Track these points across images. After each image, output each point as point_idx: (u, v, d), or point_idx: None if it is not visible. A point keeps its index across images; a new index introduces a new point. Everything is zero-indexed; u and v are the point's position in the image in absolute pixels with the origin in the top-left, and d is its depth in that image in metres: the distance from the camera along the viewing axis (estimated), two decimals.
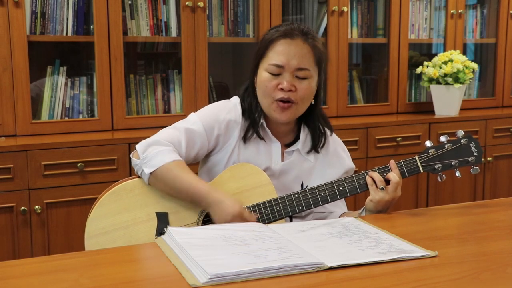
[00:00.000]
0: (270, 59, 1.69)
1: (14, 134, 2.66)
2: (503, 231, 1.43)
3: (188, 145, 1.70)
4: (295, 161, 1.77)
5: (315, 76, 1.72)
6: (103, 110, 2.81)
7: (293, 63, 1.67)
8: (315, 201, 1.64)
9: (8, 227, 2.46)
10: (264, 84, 1.70)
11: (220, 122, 1.72)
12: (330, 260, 1.18)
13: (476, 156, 1.66)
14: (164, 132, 1.72)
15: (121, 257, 1.29)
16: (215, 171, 1.76)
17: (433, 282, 1.10)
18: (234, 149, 1.73)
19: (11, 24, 2.60)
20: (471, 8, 3.87)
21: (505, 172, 3.64)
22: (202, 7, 2.93)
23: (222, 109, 1.75)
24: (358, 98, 3.60)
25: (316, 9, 3.42)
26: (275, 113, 1.70)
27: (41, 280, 1.13)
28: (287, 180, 1.76)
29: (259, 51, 1.73)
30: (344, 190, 1.64)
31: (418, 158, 1.66)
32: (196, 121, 1.72)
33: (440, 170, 1.66)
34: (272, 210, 1.63)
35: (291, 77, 1.67)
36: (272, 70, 1.68)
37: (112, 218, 1.63)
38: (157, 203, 1.66)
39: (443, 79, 3.41)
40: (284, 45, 1.68)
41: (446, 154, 1.66)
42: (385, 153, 3.22)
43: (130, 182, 1.68)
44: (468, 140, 1.67)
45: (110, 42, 2.77)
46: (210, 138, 1.72)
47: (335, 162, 1.82)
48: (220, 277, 1.08)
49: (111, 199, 1.64)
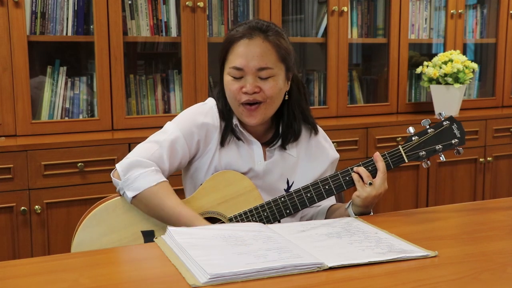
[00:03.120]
0: (230, 62, 1.63)
1: (14, 134, 2.66)
2: (503, 231, 1.43)
3: (171, 158, 1.64)
4: (278, 159, 1.73)
5: (280, 73, 1.64)
6: (103, 110, 2.81)
7: (253, 64, 1.60)
8: (302, 203, 1.61)
9: (8, 227, 2.46)
10: (228, 88, 1.64)
11: (199, 127, 1.67)
12: (330, 260, 1.18)
13: (459, 137, 1.61)
14: (143, 149, 1.64)
15: (121, 257, 1.29)
16: (196, 176, 1.72)
17: (433, 282, 1.10)
18: (215, 154, 1.68)
19: (11, 24, 2.60)
20: (471, 8, 3.87)
21: (505, 172, 3.64)
22: (202, 7, 2.93)
23: (199, 113, 1.69)
24: (358, 98, 3.60)
25: (316, 9, 3.42)
26: (244, 117, 1.65)
27: (41, 280, 1.13)
28: (272, 179, 1.72)
29: (221, 53, 1.67)
30: (330, 189, 1.60)
31: (402, 148, 1.62)
32: (174, 130, 1.66)
33: (424, 157, 1.62)
34: (259, 216, 1.60)
35: (254, 78, 1.61)
36: (234, 74, 1.62)
37: (96, 241, 1.57)
38: (142, 221, 1.60)
39: (443, 79, 3.41)
40: (243, 46, 1.61)
41: (429, 140, 1.62)
42: None
43: (112, 202, 1.61)
44: (450, 122, 1.62)
45: (110, 42, 2.77)
46: (190, 145, 1.67)
47: (319, 154, 1.77)
48: (220, 277, 1.08)
49: (93, 222, 1.59)
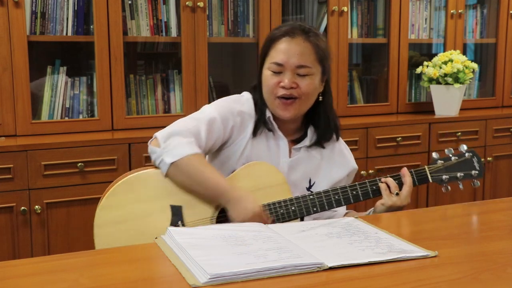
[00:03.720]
0: (271, 58, 1.72)
1: (14, 134, 2.66)
2: (503, 231, 1.43)
3: (208, 136, 1.70)
4: (303, 157, 1.80)
5: (317, 73, 1.74)
6: (103, 110, 2.81)
7: (293, 61, 1.69)
8: (329, 204, 1.68)
9: (8, 227, 2.46)
10: (266, 82, 1.73)
11: (235, 114, 1.74)
12: (330, 260, 1.18)
13: (479, 170, 1.75)
14: (183, 122, 1.71)
15: (121, 257, 1.29)
16: (228, 164, 1.76)
17: (433, 282, 1.10)
18: (248, 143, 1.75)
19: (11, 24, 2.59)
20: (471, 8, 3.86)
21: (505, 172, 3.64)
22: (202, 7, 2.93)
23: (236, 102, 1.78)
24: (358, 98, 3.60)
25: (316, 9, 3.41)
26: (278, 110, 1.73)
27: (41, 280, 1.13)
28: (295, 176, 1.79)
29: (263, 50, 1.77)
30: (357, 195, 1.69)
31: (428, 168, 1.75)
32: (212, 111, 1.73)
33: (446, 182, 1.74)
34: (287, 209, 1.65)
35: (292, 74, 1.70)
36: (274, 68, 1.71)
37: (124, 208, 1.59)
38: (172, 195, 1.63)
39: (443, 79, 3.41)
40: (285, 44, 1.71)
41: (452, 166, 1.75)
42: (385, 153, 3.23)
43: (144, 172, 1.64)
44: (472, 155, 1.76)
45: (110, 42, 2.77)
46: (225, 129, 1.74)
47: (340, 161, 1.86)
48: (220, 277, 1.08)
49: (124, 188, 1.61)
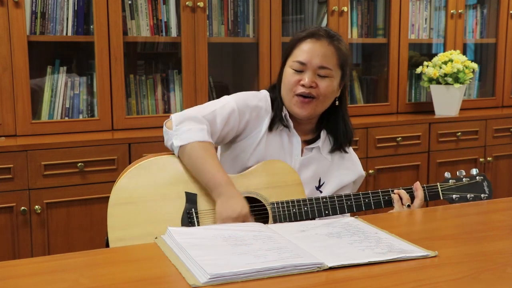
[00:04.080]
0: (295, 56, 1.76)
1: (14, 134, 2.66)
2: (503, 231, 1.43)
3: (223, 124, 1.73)
4: (314, 157, 1.83)
5: (337, 77, 1.77)
6: (103, 110, 2.81)
7: (315, 61, 1.73)
8: (341, 209, 1.71)
9: (8, 227, 2.46)
10: (287, 79, 1.76)
11: (251, 108, 1.77)
12: (330, 260, 1.18)
13: (488, 194, 1.80)
14: (201, 108, 1.74)
15: (121, 257, 1.29)
16: (240, 158, 1.78)
17: (433, 282, 1.10)
18: (262, 138, 1.77)
19: (11, 24, 2.60)
20: (471, 8, 3.87)
21: (505, 172, 3.64)
22: (202, 7, 2.93)
23: (254, 97, 1.81)
24: (358, 98, 3.60)
25: (316, 9, 3.41)
26: (295, 107, 1.76)
27: (41, 280, 1.13)
28: (305, 175, 1.81)
29: (287, 50, 1.80)
30: (369, 203, 1.72)
31: (440, 186, 1.79)
32: (230, 101, 1.76)
33: (457, 201, 1.78)
34: (300, 209, 1.68)
35: (313, 74, 1.73)
36: (296, 67, 1.75)
37: (139, 190, 1.61)
38: (187, 182, 1.65)
39: (443, 79, 3.41)
40: (309, 44, 1.74)
41: (462, 187, 1.79)
42: (385, 153, 3.23)
43: (161, 158, 1.67)
44: (483, 179, 1.81)
45: (110, 42, 2.77)
46: (241, 121, 1.76)
47: (350, 166, 1.89)
48: (220, 277, 1.08)
49: (141, 173, 1.63)
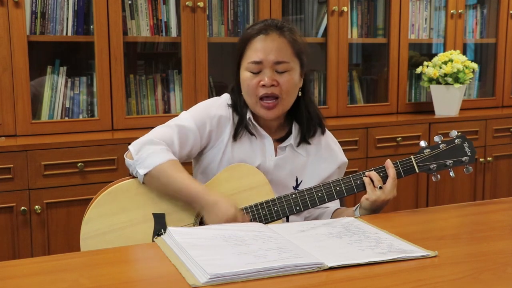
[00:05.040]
0: (248, 57, 1.69)
1: (14, 134, 2.66)
2: (503, 231, 1.43)
3: (181, 142, 1.70)
4: (289, 156, 1.77)
5: (296, 68, 1.71)
6: (103, 110, 2.81)
7: (270, 58, 1.67)
8: (313, 201, 1.63)
9: (8, 227, 2.46)
10: (246, 83, 1.70)
11: (212, 118, 1.73)
12: (330, 260, 1.18)
13: (470, 156, 1.68)
14: (156, 131, 1.71)
15: (121, 257, 1.29)
16: (209, 169, 1.75)
17: (433, 282, 1.10)
18: (227, 146, 1.73)
19: (11, 24, 2.60)
20: (471, 8, 3.87)
21: (505, 172, 3.64)
22: (202, 7, 2.93)
23: (213, 105, 1.76)
24: (358, 98, 3.60)
25: (316, 9, 3.41)
26: (261, 111, 1.71)
27: (41, 280, 1.13)
28: (281, 175, 1.76)
29: (238, 51, 1.74)
30: (341, 190, 1.64)
31: (414, 158, 1.69)
32: (187, 118, 1.73)
33: (435, 170, 1.67)
34: (269, 210, 1.62)
35: (271, 72, 1.67)
36: (252, 68, 1.69)
37: (108, 219, 1.61)
38: (154, 204, 1.64)
39: (443, 79, 3.41)
40: (260, 42, 1.68)
41: (440, 154, 1.68)
42: (385, 153, 3.22)
43: (126, 182, 1.66)
44: (462, 140, 1.68)
45: (110, 42, 2.77)
46: (202, 135, 1.72)
47: (327, 156, 1.82)
48: (220, 277, 1.08)
49: (107, 199, 1.63)
